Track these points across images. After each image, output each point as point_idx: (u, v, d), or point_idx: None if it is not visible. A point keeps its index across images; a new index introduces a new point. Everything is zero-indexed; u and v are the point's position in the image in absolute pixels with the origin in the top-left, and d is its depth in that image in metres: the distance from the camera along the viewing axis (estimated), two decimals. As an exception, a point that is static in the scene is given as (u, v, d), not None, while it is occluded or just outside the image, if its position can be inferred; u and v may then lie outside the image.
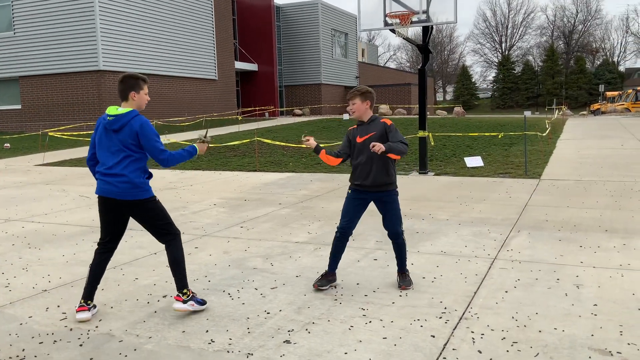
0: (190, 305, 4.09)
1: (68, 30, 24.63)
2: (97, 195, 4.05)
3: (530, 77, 69.20)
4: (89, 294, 4.11)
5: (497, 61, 77.28)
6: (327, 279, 4.67)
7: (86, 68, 24.44)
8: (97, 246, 4.18)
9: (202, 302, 4.19)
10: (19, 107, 26.42)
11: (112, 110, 4.01)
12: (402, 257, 4.72)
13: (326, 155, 4.68)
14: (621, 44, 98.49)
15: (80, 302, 4.09)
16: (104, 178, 3.99)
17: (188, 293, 4.10)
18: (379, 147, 4.24)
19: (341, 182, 10.77)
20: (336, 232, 4.71)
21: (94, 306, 4.18)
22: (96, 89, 24.49)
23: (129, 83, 4.05)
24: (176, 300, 4.09)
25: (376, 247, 5.93)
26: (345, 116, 25.10)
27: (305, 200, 9.00)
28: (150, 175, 4.12)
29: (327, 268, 4.74)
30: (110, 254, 4.18)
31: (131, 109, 4.02)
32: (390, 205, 4.62)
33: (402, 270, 4.72)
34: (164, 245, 4.20)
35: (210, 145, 4.19)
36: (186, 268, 4.21)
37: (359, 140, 4.54)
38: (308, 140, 4.57)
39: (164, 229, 4.09)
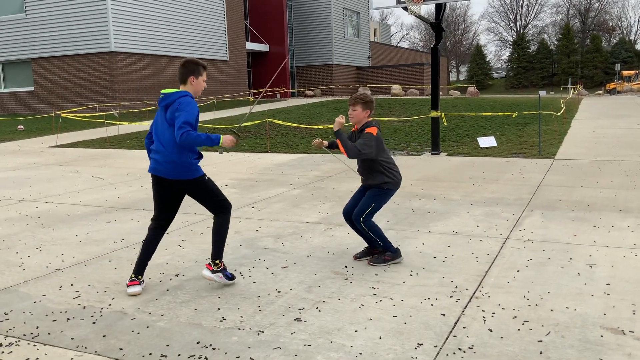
0: (218, 277, 4.20)
1: (79, 11, 24.61)
2: (149, 174, 4.11)
3: (546, 56, 68.29)
4: (139, 269, 4.23)
5: (511, 40, 76.29)
6: (368, 251, 4.89)
7: (98, 49, 24.46)
8: (150, 222, 4.28)
9: (231, 277, 4.29)
10: (31, 89, 26.56)
11: (167, 90, 4.08)
12: (374, 240, 4.71)
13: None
14: (638, 22, 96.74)
15: (131, 277, 4.21)
16: (154, 156, 4.11)
17: (220, 265, 4.23)
18: (337, 124, 4.51)
19: (352, 163, 10.74)
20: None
21: (143, 281, 4.28)
22: (108, 70, 24.53)
23: (190, 67, 4.10)
24: (206, 267, 4.22)
25: (387, 227, 5.92)
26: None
27: (317, 180, 8.99)
28: (199, 156, 4.16)
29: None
30: (162, 230, 4.26)
31: (184, 90, 4.06)
32: (367, 196, 4.69)
33: (383, 249, 4.74)
34: (175, 225, 4.31)
35: (239, 139, 4.19)
36: (198, 248, 4.25)
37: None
38: (320, 143, 4.77)
39: (214, 204, 4.21)
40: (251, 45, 35.70)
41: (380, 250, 4.75)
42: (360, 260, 4.83)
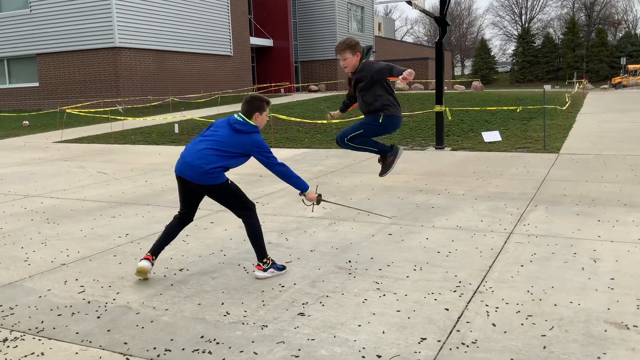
0: (271, 273, 4.31)
1: (84, 6, 24.63)
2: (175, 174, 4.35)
3: (551, 50, 67.96)
4: (155, 250, 4.37)
5: (516, 34, 75.95)
6: (381, 160, 5.06)
7: (102, 45, 24.49)
8: (177, 213, 4.51)
9: (282, 268, 4.41)
10: (36, 84, 26.63)
11: (244, 116, 4.29)
12: (367, 151, 4.84)
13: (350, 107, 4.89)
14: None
15: (147, 252, 4.35)
16: (183, 158, 4.25)
17: (267, 262, 4.34)
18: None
19: (356, 158, 10.74)
20: None
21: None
22: (113, 66, 24.56)
23: (255, 104, 4.29)
24: (257, 269, 4.33)
25: (391, 222, 5.92)
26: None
27: (321, 175, 9.00)
28: (225, 169, 4.28)
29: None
30: (185, 223, 4.48)
31: (255, 124, 4.29)
32: (359, 121, 4.79)
33: (381, 155, 4.77)
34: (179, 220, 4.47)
35: (319, 203, 4.50)
36: (202, 242, 4.30)
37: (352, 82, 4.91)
38: (331, 116, 4.75)
39: (238, 207, 4.33)
40: (255, 40, 35.67)
41: (382, 158, 4.66)
42: (365, 252, 4.83)
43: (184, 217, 4.48)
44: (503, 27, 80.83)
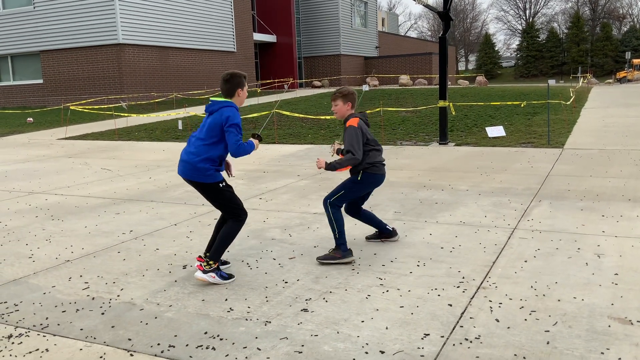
0: (210, 277, 4.15)
1: (87, 3, 24.64)
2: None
3: (555, 44, 67.64)
4: (209, 245, 4.41)
5: (521, 29, 75.64)
6: (377, 234, 5.11)
7: (106, 41, 24.51)
8: None
9: (227, 277, 4.23)
10: (40, 81, 26.67)
11: (215, 97, 4.27)
12: (331, 228, 4.59)
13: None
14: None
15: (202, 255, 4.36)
16: (180, 158, 4.27)
17: (213, 265, 4.17)
18: (319, 163, 4.59)
19: (360, 153, 10.72)
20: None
21: (225, 262, 4.46)
22: (116, 63, 24.58)
23: (237, 80, 4.25)
24: (198, 268, 4.18)
25: (394, 218, 5.92)
26: (365, 87, 24.85)
27: (324, 171, 8.99)
28: (219, 166, 4.24)
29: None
30: (221, 219, 4.43)
31: (230, 100, 4.23)
32: (343, 182, 4.73)
33: (335, 243, 4.59)
34: (184, 216, 4.42)
35: (262, 139, 4.41)
36: (206, 239, 4.30)
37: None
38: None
39: (231, 213, 4.29)
40: (258, 36, 35.62)
41: (335, 247, 4.56)
42: (369, 248, 4.83)
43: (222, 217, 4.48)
44: (507, 22, 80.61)
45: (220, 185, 4.24)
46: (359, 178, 4.63)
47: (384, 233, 5.06)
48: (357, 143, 4.51)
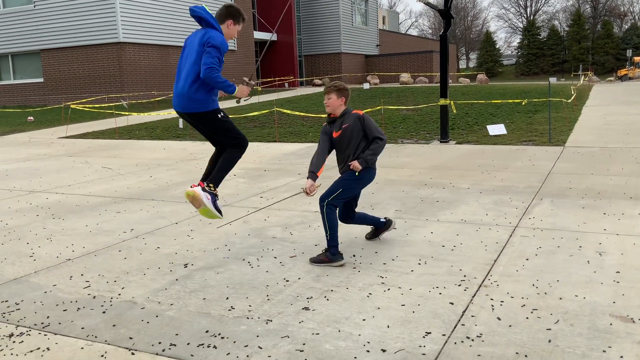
0: (207, 198, 4.13)
1: (87, 2, 24.62)
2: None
3: (556, 42, 67.55)
4: (205, 175, 4.41)
5: (522, 27, 75.54)
6: (374, 231, 5.09)
7: (106, 40, 24.50)
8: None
9: (218, 209, 4.28)
10: (41, 80, 26.67)
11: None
12: (324, 229, 4.51)
13: (319, 172, 4.69)
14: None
15: (201, 180, 4.33)
16: (174, 91, 4.18)
17: (213, 189, 4.16)
18: (354, 167, 4.50)
19: (361, 152, 10.72)
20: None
21: (213, 192, 4.34)
22: (117, 61, 24.57)
23: (231, 12, 4.13)
24: (200, 185, 4.15)
25: (395, 216, 5.91)
26: (366, 85, 24.84)
27: (325, 170, 8.97)
28: (213, 91, 4.14)
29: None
30: (219, 150, 4.38)
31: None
32: (339, 179, 4.67)
33: (327, 244, 4.49)
34: (185, 214, 4.35)
35: (253, 88, 4.26)
36: (207, 237, 4.28)
37: (335, 135, 4.67)
38: (312, 190, 4.63)
39: (228, 142, 4.19)
40: (259, 35, 35.59)
41: (326, 248, 4.50)
42: (370, 247, 4.82)
43: (215, 146, 4.40)
44: (508, 20, 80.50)
45: (219, 115, 4.15)
46: (357, 174, 4.61)
47: (380, 227, 5.04)
48: (378, 128, 4.56)
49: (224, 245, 5.10)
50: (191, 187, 4.20)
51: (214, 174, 4.17)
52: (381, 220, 5.03)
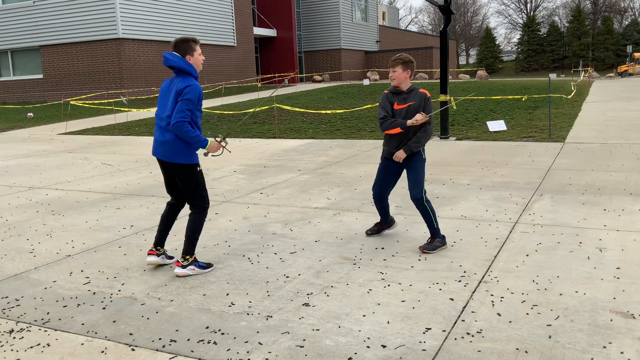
0: (191, 270, 4.22)
1: (86, -2, 24.56)
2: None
3: (556, 38, 67.47)
4: (157, 241, 4.40)
5: (522, 22, 75.43)
6: (378, 227, 5.09)
7: (106, 36, 24.45)
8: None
9: (205, 266, 4.31)
10: (40, 76, 26.63)
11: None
12: (428, 222, 4.67)
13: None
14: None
15: (151, 247, 4.40)
16: (155, 139, 4.21)
17: (189, 259, 4.23)
18: (398, 157, 4.55)
19: (361, 148, 10.72)
20: (372, 196, 4.97)
21: (170, 257, 4.47)
22: (116, 57, 24.53)
23: (182, 48, 4.15)
24: (176, 265, 4.25)
25: (396, 212, 5.91)
26: (366, 82, 24.81)
27: (325, 166, 8.98)
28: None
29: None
30: (176, 207, 4.41)
31: None
32: (413, 171, 4.66)
33: (432, 233, 4.70)
34: (186, 211, 4.38)
35: (225, 148, 4.34)
36: (207, 233, 4.31)
37: (397, 107, 4.61)
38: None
39: (197, 199, 4.24)
40: (259, 31, 35.53)
41: (433, 236, 4.68)
42: (370, 243, 4.82)
43: (173, 202, 4.40)
44: (508, 16, 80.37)
45: (198, 168, 4.22)
46: (424, 156, 4.69)
47: (387, 224, 5.11)
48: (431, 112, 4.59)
49: (223, 241, 5.10)
50: (175, 268, 4.26)
51: (186, 245, 4.23)
52: (391, 217, 5.09)
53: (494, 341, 3.07)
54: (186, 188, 4.20)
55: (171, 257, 4.51)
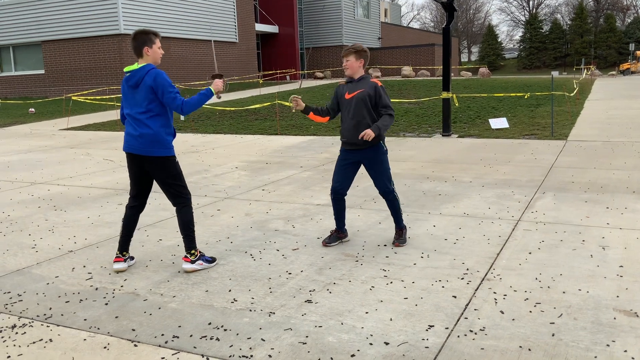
0: (199, 265, 4.24)
1: (88, -7, 24.53)
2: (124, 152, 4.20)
3: (559, 36, 67.27)
4: (122, 246, 4.33)
5: (524, 20, 75.23)
6: (336, 236, 4.82)
7: (107, 32, 24.42)
8: (128, 201, 4.37)
9: (211, 260, 4.34)
10: (42, 71, 26.62)
11: (130, 67, 4.12)
12: (397, 214, 4.72)
13: (314, 115, 4.77)
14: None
15: (117, 254, 4.32)
16: (128, 134, 4.15)
17: (195, 253, 4.25)
18: (368, 135, 4.35)
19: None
20: (330, 194, 4.79)
21: (131, 258, 4.44)
22: (118, 53, 24.51)
23: (141, 39, 4.11)
24: (184, 261, 4.25)
25: (398, 209, 5.90)
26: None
27: (327, 163, 8.97)
28: (173, 134, 4.22)
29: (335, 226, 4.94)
30: (139, 208, 4.35)
31: (146, 63, 4.11)
32: (377, 164, 4.61)
33: (399, 227, 4.76)
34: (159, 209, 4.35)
35: (226, 81, 4.25)
36: (209, 230, 4.31)
37: (347, 96, 4.61)
38: (296, 101, 4.59)
39: (177, 191, 4.20)
40: (261, 27, 35.47)
41: (400, 228, 4.74)
42: (372, 240, 4.81)
43: (137, 201, 4.31)
44: (510, 13, 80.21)
45: (175, 160, 4.19)
46: (385, 148, 4.65)
47: (341, 232, 4.85)
48: (389, 102, 4.53)
49: (226, 237, 5.10)
50: (183, 263, 4.28)
51: (185, 242, 4.23)
52: (345, 228, 4.87)
53: (497, 339, 3.06)
54: (166, 182, 4.14)
55: (132, 258, 4.47)
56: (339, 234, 4.82)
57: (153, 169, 4.14)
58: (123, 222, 4.34)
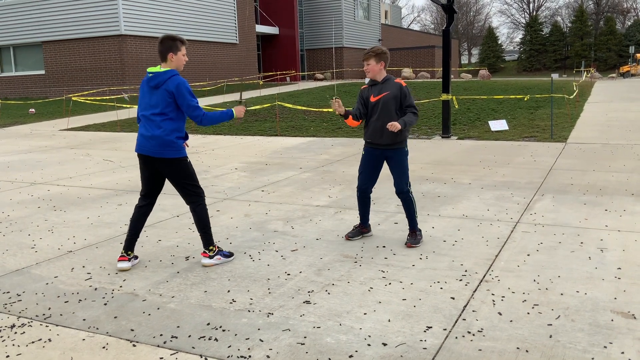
0: (217, 260, 4.35)
1: (89, -6, 24.55)
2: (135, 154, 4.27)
3: (559, 38, 67.33)
4: (128, 245, 4.36)
5: (524, 22, 75.30)
6: (359, 230, 4.99)
7: (108, 32, 24.44)
8: (137, 201, 4.45)
9: (228, 255, 4.46)
10: (42, 72, 26.63)
11: (153, 69, 4.19)
12: (411, 215, 4.77)
13: (352, 120, 4.84)
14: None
15: (122, 253, 4.36)
16: (141, 135, 4.23)
17: (214, 249, 4.37)
18: (394, 127, 4.43)
19: (362, 147, 10.71)
20: (357, 192, 4.95)
21: (135, 257, 4.47)
22: (118, 54, 24.52)
23: (167, 44, 4.19)
24: (203, 256, 4.35)
25: (397, 211, 5.91)
26: (367, 80, 24.79)
27: (326, 164, 8.98)
28: (185, 137, 4.29)
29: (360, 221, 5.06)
30: (148, 207, 4.40)
31: (169, 68, 4.17)
32: (399, 165, 4.71)
33: (413, 229, 4.80)
34: (187, 208, 4.43)
35: (247, 108, 4.38)
36: (207, 234, 4.38)
37: (372, 99, 4.67)
38: (338, 101, 4.61)
39: (190, 191, 4.28)
40: (261, 28, 35.50)
41: (414, 231, 4.77)
42: (371, 241, 4.82)
43: (146, 201, 4.36)
44: (510, 15, 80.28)
45: (187, 160, 4.25)
46: (406, 148, 4.72)
47: (365, 228, 5.03)
48: (413, 101, 4.59)
49: (225, 238, 5.10)
50: (202, 259, 4.39)
51: (203, 239, 4.34)
52: (368, 223, 5.04)
53: (494, 340, 3.07)
54: (180, 182, 4.24)
55: (136, 257, 4.50)
56: (362, 229, 4.99)
57: (166, 170, 4.22)
58: (131, 222, 4.39)
